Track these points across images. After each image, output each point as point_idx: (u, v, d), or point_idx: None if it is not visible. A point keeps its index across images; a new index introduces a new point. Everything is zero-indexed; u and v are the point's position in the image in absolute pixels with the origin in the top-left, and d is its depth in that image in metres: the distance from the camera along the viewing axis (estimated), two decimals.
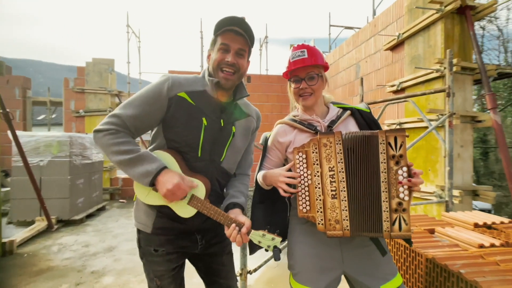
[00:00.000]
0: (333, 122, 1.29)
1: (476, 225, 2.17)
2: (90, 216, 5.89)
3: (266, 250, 1.18)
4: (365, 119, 1.33)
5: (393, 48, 4.79)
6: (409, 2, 4.19)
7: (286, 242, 1.40)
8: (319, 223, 1.16)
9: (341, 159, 1.13)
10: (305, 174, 1.19)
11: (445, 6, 3.48)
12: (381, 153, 1.10)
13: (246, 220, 1.18)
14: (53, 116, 10.74)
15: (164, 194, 1.09)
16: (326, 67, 1.34)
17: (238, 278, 2.41)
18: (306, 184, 1.19)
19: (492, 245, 1.79)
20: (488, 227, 2.19)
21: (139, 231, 1.30)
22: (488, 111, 3.49)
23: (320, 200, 1.16)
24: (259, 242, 1.16)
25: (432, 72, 3.62)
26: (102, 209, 6.54)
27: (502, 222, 2.22)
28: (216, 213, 1.17)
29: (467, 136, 3.65)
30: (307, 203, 1.19)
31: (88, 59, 8.17)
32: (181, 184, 1.09)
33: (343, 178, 1.14)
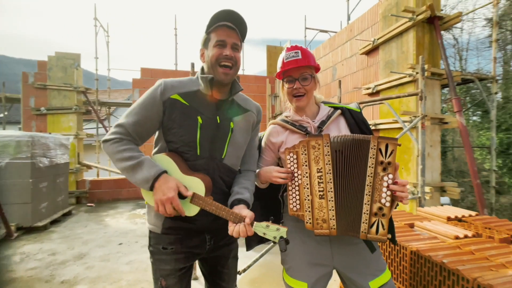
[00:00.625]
0: (323, 123, 1.33)
1: (449, 219, 2.34)
2: (55, 222, 5.50)
3: (274, 243, 1.19)
4: (354, 119, 1.36)
5: (368, 52, 5.02)
6: (384, 10, 4.42)
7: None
8: (307, 222, 1.21)
9: (329, 161, 1.17)
10: (296, 174, 1.23)
11: (417, 16, 3.72)
12: (371, 157, 1.13)
13: (248, 213, 1.18)
14: (6, 113, 9.86)
15: (155, 201, 1.13)
16: (317, 69, 1.37)
17: None
18: (296, 184, 1.23)
19: (466, 236, 1.94)
20: (459, 220, 2.36)
21: (150, 231, 1.33)
22: (454, 114, 3.78)
23: (308, 200, 1.20)
24: (264, 234, 1.15)
25: (405, 77, 3.85)
26: (68, 214, 6.13)
27: (470, 215, 2.41)
28: (218, 208, 1.18)
29: (435, 137, 3.93)
30: (297, 201, 1.23)
31: (48, 53, 7.56)
32: (174, 199, 1.10)
33: (330, 179, 1.18)
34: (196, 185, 1.19)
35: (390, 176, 1.11)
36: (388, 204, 1.11)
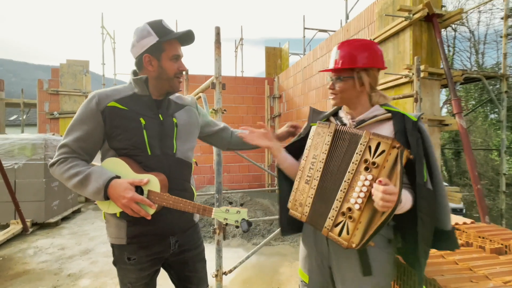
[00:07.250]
0: (361, 122, 1.23)
1: None
2: (65, 219, 5.78)
3: (237, 227, 1.18)
4: (406, 126, 1.14)
5: None
6: (380, 9, 4.29)
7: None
8: (289, 201, 1.24)
9: (326, 150, 1.15)
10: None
11: (413, 14, 3.61)
12: (357, 153, 1.06)
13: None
14: (25, 116, 10.43)
15: (121, 208, 1.14)
16: (372, 65, 1.20)
17: (214, 279, 2.43)
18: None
19: None
20: None
21: (113, 245, 1.31)
22: (454, 115, 3.67)
23: (297, 181, 1.22)
24: (225, 219, 1.14)
25: (401, 78, 3.75)
26: (77, 211, 6.42)
27: (464, 223, 2.31)
28: (175, 201, 1.16)
29: (435, 139, 3.80)
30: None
31: (61, 60, 8.04)
32: (134, 197, 1.11)
33: (320, 167, 1.16)
34: (150, 182, 1.18)
35: (369, 177, 1.00)
36: (357, 206, 1.00)
